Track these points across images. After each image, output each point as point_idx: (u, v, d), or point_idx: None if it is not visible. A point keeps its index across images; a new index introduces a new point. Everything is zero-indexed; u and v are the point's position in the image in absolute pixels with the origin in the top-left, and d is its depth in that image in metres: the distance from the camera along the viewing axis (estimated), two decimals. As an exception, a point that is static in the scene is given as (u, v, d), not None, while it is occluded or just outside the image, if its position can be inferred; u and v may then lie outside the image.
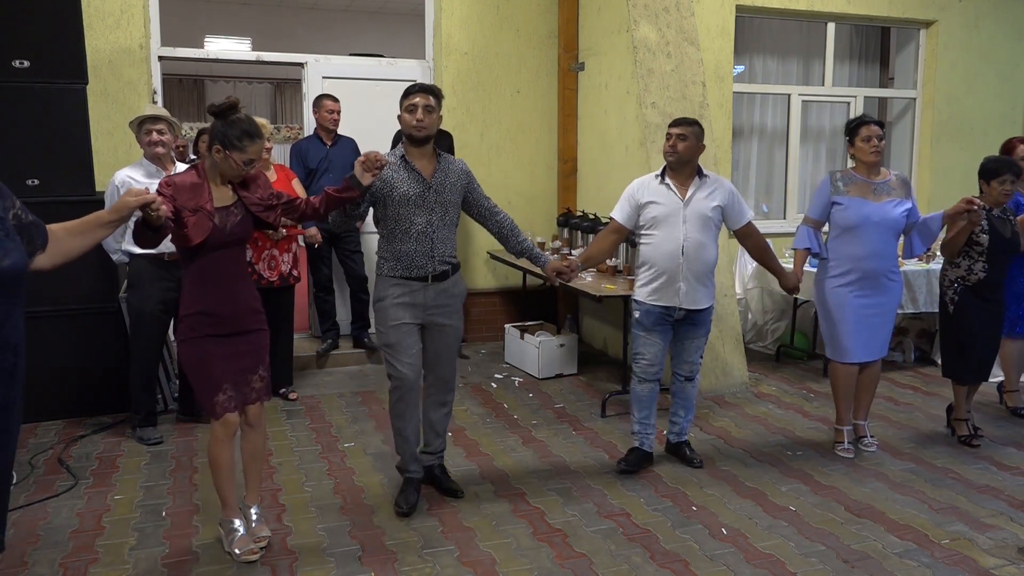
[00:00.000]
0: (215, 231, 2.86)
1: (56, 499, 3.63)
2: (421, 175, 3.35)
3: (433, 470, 3.70)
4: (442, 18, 6.29)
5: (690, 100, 5.61)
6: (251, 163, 2.91)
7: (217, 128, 2.88)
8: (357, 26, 10.61)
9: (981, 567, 3.09)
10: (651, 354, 3.88)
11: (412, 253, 3.36)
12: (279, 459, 4.12)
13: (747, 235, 3.94)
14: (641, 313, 3.87)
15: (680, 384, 4.03)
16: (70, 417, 4.62)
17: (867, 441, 4.30)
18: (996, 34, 7.10)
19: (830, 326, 4.16)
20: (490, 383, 5.53)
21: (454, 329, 3.54)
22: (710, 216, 3.78)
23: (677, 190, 3.78)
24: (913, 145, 7.19)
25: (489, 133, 6.49)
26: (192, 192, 2.86)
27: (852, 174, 4.10)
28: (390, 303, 3.38)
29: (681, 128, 3.77)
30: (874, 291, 4.05)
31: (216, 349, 2.96)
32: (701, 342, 3.97)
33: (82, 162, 4.48)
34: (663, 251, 3.77)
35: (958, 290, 4.23)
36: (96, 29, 5.39)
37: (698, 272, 3.77)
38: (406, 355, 3.40)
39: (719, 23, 6.19)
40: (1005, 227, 4.22)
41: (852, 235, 4.01)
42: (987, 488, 3.82)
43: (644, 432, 4.00)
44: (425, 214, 3.35)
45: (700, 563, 3.10)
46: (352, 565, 3.06)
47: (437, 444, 3.69)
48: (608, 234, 3.97)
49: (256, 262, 4.73)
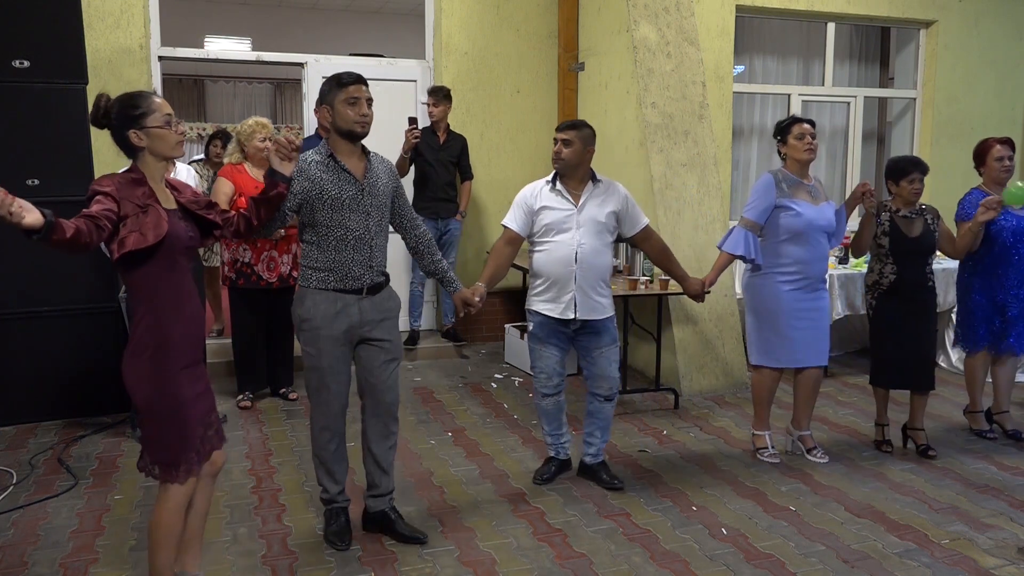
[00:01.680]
0: (172, 227, 2.42)
1: (56, 499, 3.62)
2: (352, 175, 3.01)
3: (386, 516, 3.27)
4: (442, 18, 6.29)
5: (690, 100, 5.61)
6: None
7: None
8: (357, 26, 10.61)
9: (981, 567, 3.09)
10: (549, 367, 3.73)
11: (349, 262, 3.01)
12: (279, 459, 4.11)
13: (645, 239, 3.80)
14: (535, 325, 3.71)
15: (599, 404, 3.78)
16: (70, 417, 4.62)
17: (819, 452, 4.15)
18: (996, 34, 7.10)
19: (766, 329, 4.03)
20: (490, 383, 5.53)
21: (394, 346, 3.16)
22: (604, 222, 3.63)
23: (570, 196, 3.63)
24: (913, 145, 7.18)
25: (489, 133, 6.49)
26: (136, 187, 2.42)
27: (791, 175, 3.99)
28: (322, 321, 3.02)
29: (566, 133, 3.61)
30: (816, 295, 4.00)
31: (187, 388, 2.49)
32: (611, 352, 3.72)
33: (82, 162, 4.48)
34: (556, 258, 3.60)
35: (876, 295, 4.17)
36: (96, 29, 5.40)
37: (592, 280, 3.62)
38: (335, 380, 3.08)
39: (719, 23, 6.19)
40: (911, 226, 4.10)
41: (798, 240, 3.92)
42: (987, 488, 3.82)
43: (557, 442, 3.88)
44: (362, 218, 3.01)
45: (700, 563, 3.10)
46: (352, 565, 3.06)
47: (385, 484, 3.26)
48: (503, 246, 3.71)
49: (255, 263, 4.74)
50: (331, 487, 3.21)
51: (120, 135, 2.47)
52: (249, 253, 4.73)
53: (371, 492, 3.28)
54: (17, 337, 4.48)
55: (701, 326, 5.35)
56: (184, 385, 2.48)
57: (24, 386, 4.54)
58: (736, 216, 6.72)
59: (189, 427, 2.49)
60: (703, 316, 5.35)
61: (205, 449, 2.57)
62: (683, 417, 4.86)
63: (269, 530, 3.34)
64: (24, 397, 4.54)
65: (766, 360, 4.08)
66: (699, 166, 5.54)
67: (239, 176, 4.62)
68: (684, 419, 4.82)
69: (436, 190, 5.89)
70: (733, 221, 6.51)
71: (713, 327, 5.37)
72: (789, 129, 3.99)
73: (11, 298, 4.44)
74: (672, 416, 4.87)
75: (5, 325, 4.46)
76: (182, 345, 2.49)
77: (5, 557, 3.11)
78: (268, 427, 4.59)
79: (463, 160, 6.03)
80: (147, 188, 2.44)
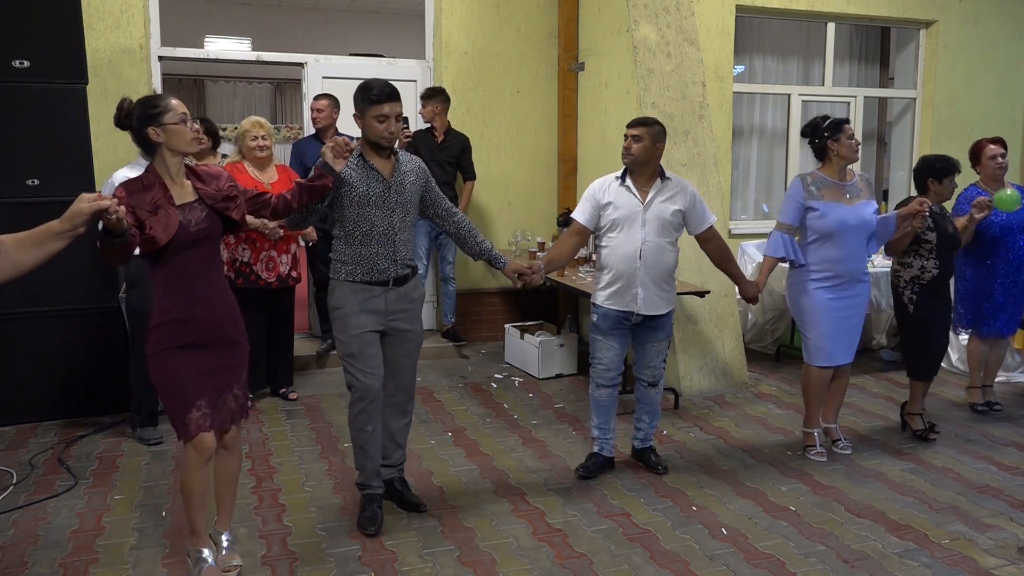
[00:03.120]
0: (182, 228, 2.65)
1: (56, 499, 3.63)
2: (380, 174, 3.20)
3: (393, 483, 3.52)
4: (442, 18, 6.29)
5: (690, 100, 5.61)
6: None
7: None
8: (357, 26, 10.61)
9: (981, 567, 3.09)
10: (608, 359, 3.81)
11: (374, 256, 3.21)
12: (279, 459, 4.11)
13: (708, 239, 3.86)
14: (599, 317, 3.79)
15: (644, 390, 3.94)
16: (70, 417, 4.61)
17: (842, 444, 4.27)
18: (996, 34, 7.10)
19: (808, 329, 4.11)
20: (490, 383, 5.53)
21: (415, 335, 3.39)
22: (670, 220, 3.69)
23: (637, 192, 3.69)
24: (913, 145, 7.19)
25: (489, 133, 6.49)
26: (146, 192, 2.64)
27: (823, 177, 4.04)
28: (351, 310, 3.21)
29: (636, 129, 3.67)
30: (849, 293, 4.03)
31: (188, 363, 2.73)
32: (663, 346, 3.88)
33: (82, 162, 4.48)
34: (621, 254, 3.68)
35: (916, 290, 4.25)
36: (96, 29, 5.39)
37: (656, 276, 3.69)
38: (369, 365, 3.24)
39: (719, 23, 6.19)
40: (947, 223, 4.30)
41: (830, 240, 3.97)
42: (987, 488, 3.82)
43: (604, 438, 3.94)
44: (386, 215, 3.21)
45: (700, 563, 3.10)
46: (352, 565, 3.06)
47: (397, 456, 3.52)
48: (570, 235, 3.84)
49: (254, 263, 4.73)
50: (368, 467, 3.37)
51: (140, 133, 2.67)
52: (248, 252, 4.73)
53: (384, 462, 3.48)
54: (17, 337, 4.48)
55: (701, 326, 5.35)
56: (179, 359, 2.71)
57: (24, 386, 4.53)
58: (737, 216, 6.75)
59: (184, 391, 2.72)
60: (703, 316, 5.35)
61: (214, 416, 2.78)
62: (683, 417, 4.86)
63: (269, 530, 3.34)
64: (24, 397, 4.54)
65: (814, 359, 4.14)
66: (699, 166, 5.54)
67: (239, 176, 4.63)
68: (684, 419, 4.82)
69: (435, 190, 5.88)
70: (733, 221, 6.56)
71: (713, 327, 5.37)
72: (842, 128, 4.02)
73: (11, 298, 4.43)
74: (672, 416, 4.87)
75: (5, 325, 4.46)
76: (180, 329, 2.70)
77: (5, 557, 3.11)
78: (268, 427, 4.59)
79: (464, 160, 6.01)
80: (157, 191, 2.64)
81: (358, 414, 3.30)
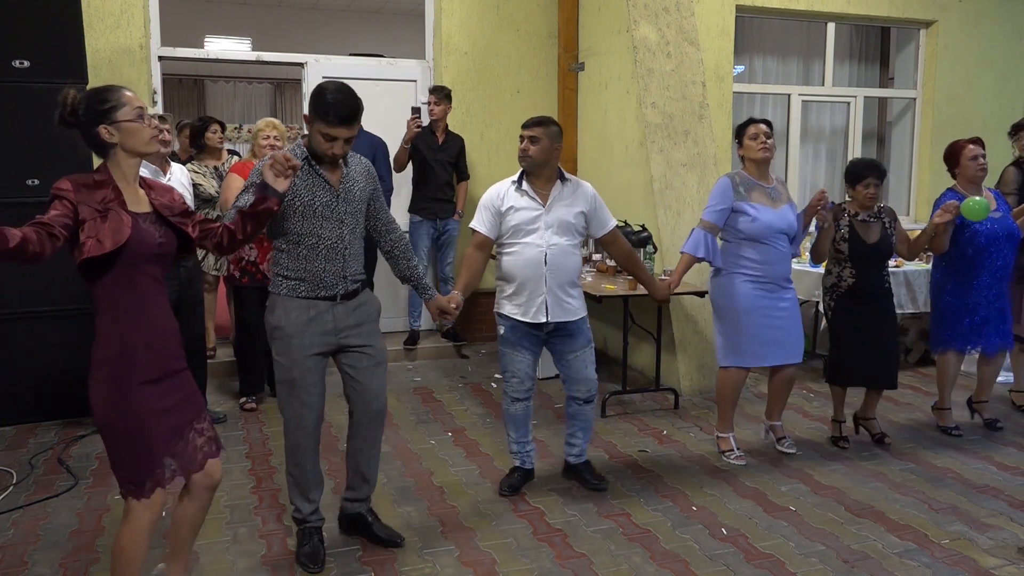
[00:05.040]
0: (137, 232, 2.25)
1: (56, 499, 3.63)
2: (327, 182, 2.88)
3: (362, 517, 3.20)
4: (442, 18, 6.29)
5: (690, 100, 5.61)
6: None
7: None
8: (357, 26, 10.61)
9: (981, 567, 3.09)
10: (521, 371, 3.62)
11: (321, 272, 2.89)
12: (279, 459, 4.11)
13: (611, 242, 3.73)
14: (507, 329, 3.59)
15: (578, 407, 3.73)
16: (70, 417, 4.62)
17: (787, 442, 4.23)
18: (996, 34, 7.10)
19: (730, 329, 4.03)
20: (490, 383, 5.53)
21: (376, 351, 3.03)
22: (572, 223, 3.54)
23: (537, 196, 3.52)
24: (913, 145, 7.19)
25: (489, 133, 6.49)
26: (97, 189, 2.25)
27: (748, 178, 4.00)
28: (294, 330, 2.88)
29: (533, 130, 3.47)
30: (782, 294, 4.01)
31: (150, 403, 2.30)
32: (587, 355, 3.66)
33: (82, 162, 4.45)
34: (525, 259, 3.50)
35: (835, 296, 4.21)
36: (96, 29, 5.40)
37: (562, 281, 3.54)
38: (309, 393, 2.93)
39: (719, 23, 6.19)
40: (869, 231, 4.12)
41: (757, 242, 3.93)
42: (987, 488, 3.82)
43: (523, 451, 3.76)
44: (335, 227, 2.89)
45: (700, 563, 3.10)
46: (352, 565, 3.06)
47: (364, 490, 3.18)
48: (474, 251, 3.59)
49: (261, 263, 4.75)
50: (304, 507, 3.06)
51: (89, 132, 2.28)
52: (255, 252, 4.75)
53: (348, 495, 3.22)
54: (17, 337, 4.49)
55: (701, 326, 5.35)
56: (146, 401, 2.29)
57: (24, 386, 4.54)
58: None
59: (152, 443, 2.31)
60: (702, 317, 5.35)
61: (182, 463, 2.42)
62: (683, 417, 4.86)
63: (269, 530, 3.34)
64: (24, 397, 4.54)
65: (731, 360, 4.08)
66: (699, 166, 5.55)
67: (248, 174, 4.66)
68: (684, 419, 4.82)
69: (435, 190, 5.89)
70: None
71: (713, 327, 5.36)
72: (744, 129, 4.03)
73: (11, 298, 4.44)
74: (672, 416, 4.87)
75: (5, 325, 4.46)
76: (145, 358, 2.30)
77: (5, 557, 3.11)
78: (268, 427, 4.59)
79: (460, 161, 6.04)
80: (110, 191, 2.26)
81: (293, 448, 2.99)
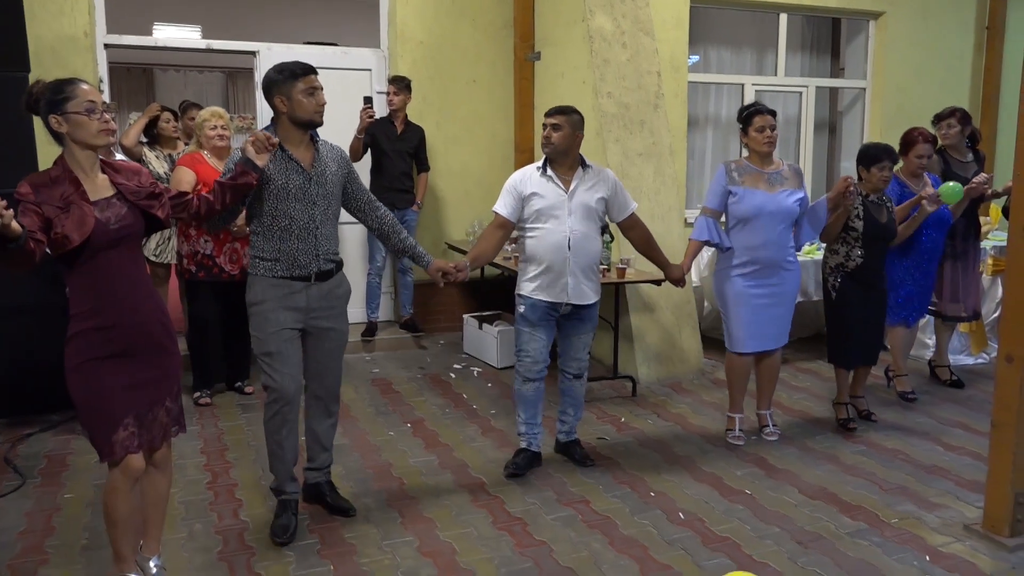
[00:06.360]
0: (99, 225, 2.39)
1: (3, 499, 3.53)
2: (300, 165, 3.04)
3: (320, 487, 3.41)
4: (397, 6, 6.23)
5: (646, 90, 5.64)
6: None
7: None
8: (310, 13, 10.43)
9: (929, 545, 3.18)
10: (536, 351, 3.74)
11: (295, 251, 3.05)
12: (235, 454, 4.06)
13: (631, 227, 3.85)
14: (527, 308, 3.72)
15: (568, 382, 3.91)
16: (16, 415, 4.47)
17: (769, 430, 4.31)
18: (944, 26, 7.26)
19: (727, 316, 4.17)
20: (448, 373, 5.52)
21: (339, 333, 3.24)
22: (594, 208, 3.68)
23: (560, 182, 3.66)
24: (864, 134, 7.32)
25: (446, 123, 6.45)
26: (55, 186, 2.38)
27: (746, 164, 4.09)
28: (270, 306, 3.06)
29: (556, 118, 3.62)
30: (770, 281, 4.06)
31: (112, 376, 2.47)
32: (588, 338, 3.86)
33: (23, 153, 4.33)
34: (549, 244, 3.63)
35: (839, 277, 4.30)
36: (39, 17, 5.23)
37: (584, 265, 3.68)
38: (287, 365, 3.09)
39: (674, 14, 6.23)
40: (880, 213, 4.28)
41: (748, 225, 4.01)
42: (935, 468, 3.93)
43: (531, 432, 3.86)
44: (307, 208, 3.04)
45: (659, 548, 3.14)
46: (311, 559, 3.03)
47: (323, 459, 3.39)
48: (494, 229, 3.75)
49: (217, 255, 4.67)
50: (282, 472, 3.22)
51: (45, 121, 2.45)
52: (210, 245, 4.66)
53: (310, 465, 3.42)
54: (-40, 334, 4.35)
55: (658, 314, 5.40)
56: (102, 372, 2.46)
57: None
58: (692, 205, 6.81)
59: (111, 411, 2.48)
60: (660, 304, 5.39)
61: (143, 434, 2.56)
62: (641, 404, 4.90)
63: (225, 525, 3.30)
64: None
65: (732, 346, 4.19)
66: (655, 156, 5.58)
67: (199, 165, 4.56)
68: (642, 406, 4.87)
69: (392, 180, 5.84)
70: (689, 210, 6.62)
71: (670, 315, 5.42)
72: (751, 120, 4.05)
73: (-48, 294, 4.30)
74: (630, 403, 4.91)
75: (-54, 322, 4.32)
76: (104, 334, 2.46)
77: (-50, 560, 3.02)
78: (224, 421, 4.52)
79: (420, 152, 6.00)
80: (68, 184, 2.40)
81: (273, 416, 3.15)
